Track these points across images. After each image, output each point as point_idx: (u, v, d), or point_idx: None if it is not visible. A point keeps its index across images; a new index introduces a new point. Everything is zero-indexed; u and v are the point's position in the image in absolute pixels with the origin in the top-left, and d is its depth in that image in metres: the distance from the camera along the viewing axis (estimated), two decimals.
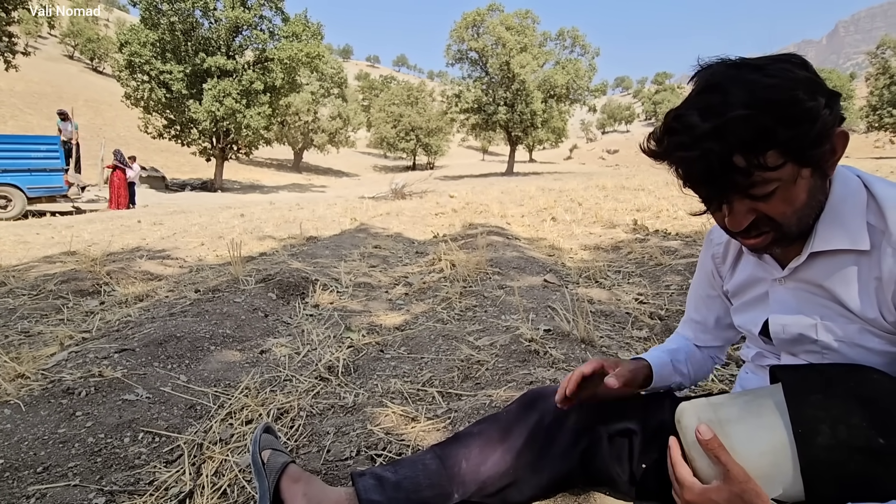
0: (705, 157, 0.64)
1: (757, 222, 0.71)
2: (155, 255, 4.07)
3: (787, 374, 0.73)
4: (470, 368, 1.72)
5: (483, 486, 0.96)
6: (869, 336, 0.71)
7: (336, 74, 36.11)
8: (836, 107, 0.65)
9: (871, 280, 0.70)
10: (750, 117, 0.61)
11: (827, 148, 0.66)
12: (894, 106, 33.15)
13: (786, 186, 0.66)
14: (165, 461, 1.26)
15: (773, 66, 0.64)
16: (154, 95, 17.98)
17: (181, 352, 1.82)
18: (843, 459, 0.62)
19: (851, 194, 0.73)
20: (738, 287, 0.93)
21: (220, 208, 10.10)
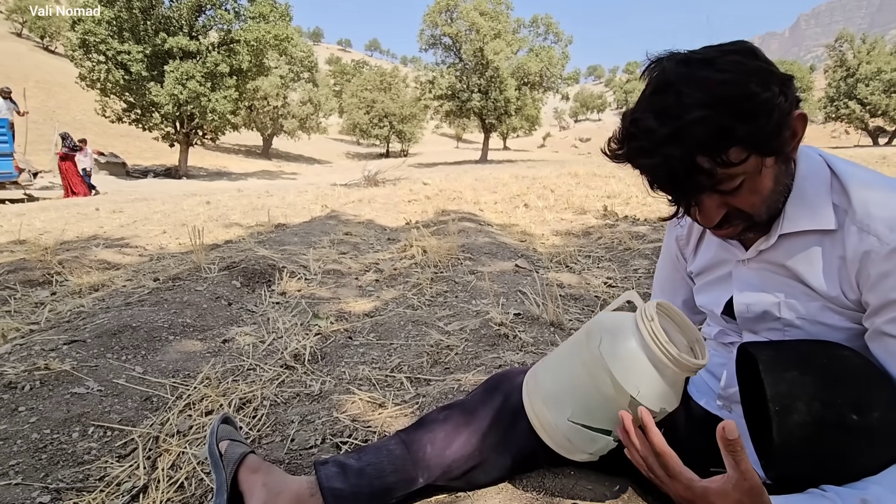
0: (667, 162, 0.64)
1: (728, 216, 0.71)
2: (113, 244, 3.89)
3: (762, 352, 0.72)
4: (439, 353, 1.71)
5: (448, 469, 0.95)
6: (830, 313, 0.72)
7: (306, 58, 35.09)
8: (790, 91, 0.64)
9: (834, 259, 0.70)
10: (707, 118, 0.60)
11: (787, 134, 0.65)
12: (850, 98, 34.58)
13: (752, 178, 0.66)
14: (118, 456, 1.20)
15: (723, 60, 0.62)
16: (111, 77, 17.05)
17: (137, 342, 1.74)
18: (817, 436, 0.63)
19: (815, 173, 0.73)
20: (701, 268, 0.93)
21: (185, 195, 9.74)
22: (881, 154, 13.39)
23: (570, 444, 0.78)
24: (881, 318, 0.65)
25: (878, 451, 0.62)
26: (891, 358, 0.66)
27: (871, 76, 33.50)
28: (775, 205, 0.71)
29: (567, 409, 0.77)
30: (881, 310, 0.65)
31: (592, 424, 0.75)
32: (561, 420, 0.78)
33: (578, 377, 0.76)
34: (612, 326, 0.76)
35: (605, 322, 0.78)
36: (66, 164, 10.99)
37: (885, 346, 0.66)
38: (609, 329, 0.76)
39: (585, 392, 0.75)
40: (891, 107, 32.61)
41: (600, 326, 0.77)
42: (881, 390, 0.63)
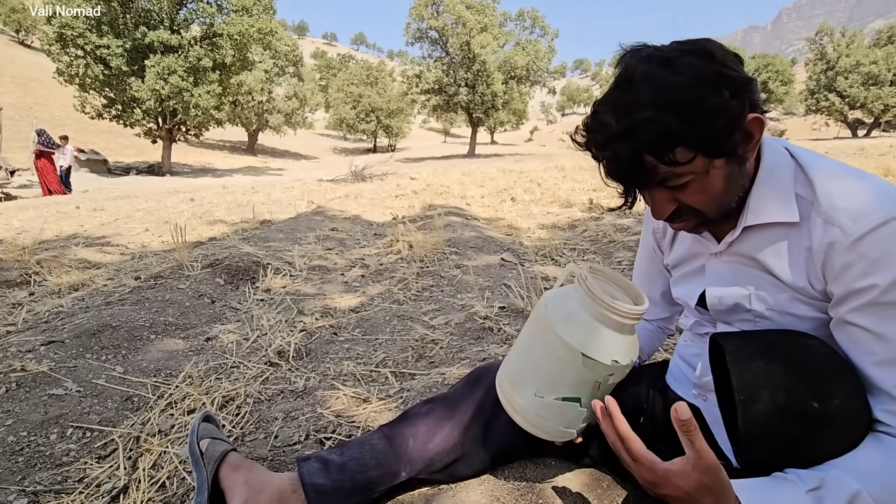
0: (616, 157, 0.66)
1: (678, 211, 0.72)
2: (93, 243, 3.82)
3: (730, 342, 0.74)
4: (424, 348, 1.71)
5: (431, 462, 0.95)
6: (798, 304, 0.73)
7: (291, 52, 34.62)
8: (746, 96, 0.64)
9: (801, 250, 0.71)
10: (655, 119, 0.62)
11: (738, 137, 0.65)
12: (830, 90, 35.17)
13: (700, 178, 0.67)
14: (97, 457, 1.18)
15: (680, 61, 0.63)
16: (90, 72, 16.66)
17: (117, 342, 1.71)
18: (779, 423, 0.64)
19: (780, 166, 0.74)
20: (677, 261, 0.95)
21: (169, 193, 9.59)
22: (859, 146, 13.66)
23: (543, 421, 0.79)
24: (844, 308, 0.67)
25: (839, 438, 0.64)
26: (853, 346, 0.67)
27: (850, 69, 34.10)
28: (727, 204, 0.72)
29: (532, 385, 0.79)
30: (844, 299, 0.66)
31: (558, 395, 0.77)
32: (529, 397, 0.79)
33: (534, 350, 0.80)
34: (555, 295, 0.81)
35: (550, 293, 0.83)
36: (41, 161, 10.72)
37: (848, 334, 0.67)
38: (553, 297, 0.80)
39: (543, 362, 0.78)
40: (869, 99, 33.24)
41: (546, 297, 0.82)
42: (843, 379, 0.65)
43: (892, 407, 0.64)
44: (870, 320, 0.64)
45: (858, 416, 0.64)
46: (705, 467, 0.60)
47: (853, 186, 0.67)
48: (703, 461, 0.60)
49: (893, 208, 0.62)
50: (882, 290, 0.62)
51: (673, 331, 1.17)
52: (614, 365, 0.74)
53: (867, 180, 0.68)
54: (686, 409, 0.60)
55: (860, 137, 31.34)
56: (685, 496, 0.62)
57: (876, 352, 0.64)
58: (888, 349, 0.63)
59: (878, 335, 0.64)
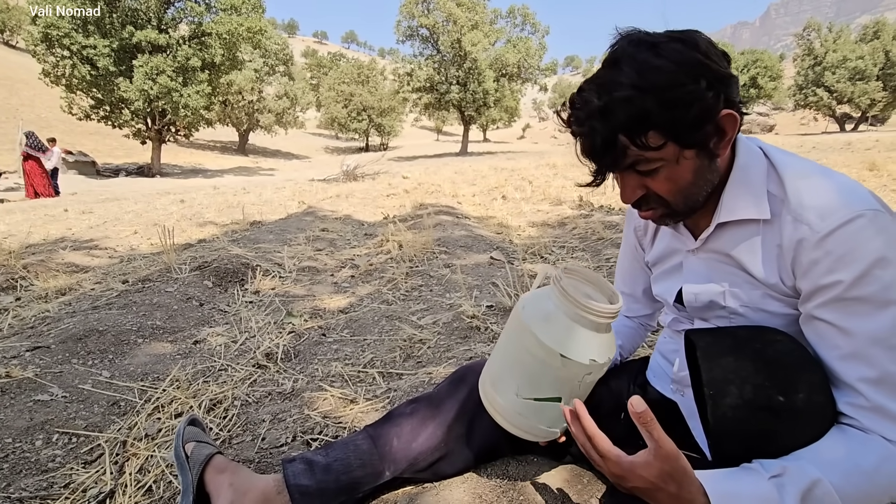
0: (591, 134, 0.67)
1: (646, 198, 0.74)
2: (81, 246, 3.79)
3: (701, 339, 0.76)
4: (412, 347, 1.72)
5: (415, 461, 0.97)
6: (770, 300, 0.75)
7: (281, 51, 34.39)
8: (723, 90, 0.66)
9: (773, 248, 0.73)
10: (632, 98, 0.63)
11: (709, 129, 0.67)
12: (818, 85, 35.50)
13: (669, 166, 0.69)
14: (84, 462, 1.18)
15: (665, 46, 0.65)
16: (77, 72, 16.44)
17: (104, 347, 1.71)
18: (747, 417, 0.66)
19: (753, 164, 0.75)
20: (656, 258, 0.96)
21: (159, 194, 9.52)
22: (847, 140, 13.82)
23: (524, 420, 0.80)
24: (812, 303, 0.69)
25: (804, 430, 0.66)
26: (820, 341, 0.69)
27: (837, 64, 34.44)
28: (694, 197, 0.74)
29: (513, 386, 0.80)
30: (812, 295, 0.68)
31: (539, 395, 0.78)
32: (510, 398, 0.80)
33: (513, 351, 0.81)
34: (532, 297, 0.82)
35: (527, 295, 0.84)
36: (29, 163, 10.58)
37: (815, 329, 0.69)
38: (530, 299, 0.82)
39: (523, 363, 0.79)
40: (856, 94, 33.60)
41: (523, 299, 0.83)
42: (809, 373, 0.67)
43: (855, 400, 0.66)
44: (835, 315, 0.66)
45: (823, 409, 0.66)
46: (664, 455, 0.62)
47: (821, 185, 0.69)
48: (662, 449, 0.62)
49: (858, 206, 0.64)
50: (847, 285, 0.64)
51: (654, 327, 1.18)
52: (592, 364, 0.75)
53: (834, 179, 0.70)
54: (641, 401, 0.62)
55: (848, 132, 31.68)
56: (650, 486, 0.64)
57: (840, 346, 0.66)
58: (851, 343, 0.65)
59: (842, 330, 0.66)
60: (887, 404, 0.63)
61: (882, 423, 0.64)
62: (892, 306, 0.63)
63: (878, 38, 34.95)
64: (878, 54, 33.74)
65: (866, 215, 0.63)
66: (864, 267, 0.63)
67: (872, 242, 0.63)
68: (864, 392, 0.64)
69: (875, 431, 0.64)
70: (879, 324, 0.63)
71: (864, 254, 0.63)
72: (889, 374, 0.63)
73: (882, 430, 0.64)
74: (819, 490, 0.61)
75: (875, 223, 0.63)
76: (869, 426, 0.65)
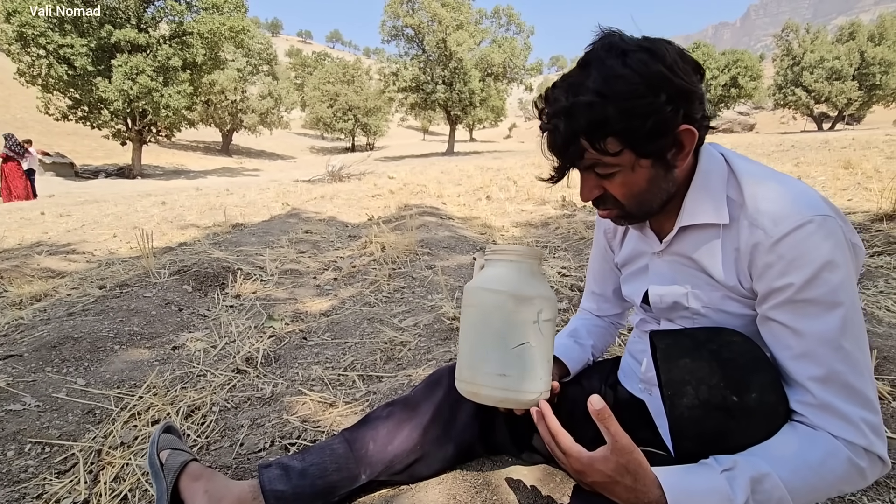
0: (555, 132, 0.70)
1: (603, 198, 0.77)
2: (58, 251, 3.72)
3: (662, 340, 0.78)
4: (393, 350, 1.73)
5: (390, 464, 0.98)
6: (730, 301, 0.78)
7: (264, 50, 33.98)
8: (683, 105, 0.68)
9: (731, 251, 0.75)
10: (593, 104, 0.66)
11: (665, 142, 0.69)
12: (797, 85, 36.23)
13: (625, 172, 0.72)
14: (57, 472, 1.17)
15: (633, 56, 0.66)
16: (54, 72, 16.04)
17: (79, 354, 1.68)
18: (702, 417, 0.68)
19: (714, 170, 0.78)
20: (624, 260, 0.99)
21: (139, 196, 9.36)
22: (824, 139, 14.14)
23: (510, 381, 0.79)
24: (766, 305, 0.71)
25: (757, 428, 0.68)
26: (775, 341, 0.72)
27: (814, 64, 35.20)
28: (648, 204, 0.77)
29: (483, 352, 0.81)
30: (767, 297, 0.71)
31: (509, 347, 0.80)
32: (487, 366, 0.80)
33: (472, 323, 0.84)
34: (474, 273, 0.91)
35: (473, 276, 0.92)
36: (8, 165, 10.35)
37: (770, 330, 0.72)
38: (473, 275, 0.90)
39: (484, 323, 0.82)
40: (833, 93, 34.39)
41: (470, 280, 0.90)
42: (762, 373, 0.69)
43: (804, 398, 0.68)
44: (787, 316, 0.69)
45: (775, 407, 0.69)
46: (620, 449, 0.64)
47: (776, 191, 0.72)
48: (618, 444, 0.64)
49: (809, 212, 0.67)
50: (797, 288, 0.67)
51: (625, 325, 1.21)
52: (539, 297, 0.79)
53: (789, 185, 0.72)
54: (599, 399, 0.65)
55: (825, 130, 32.42)
56: (608, 479, 0.66)
57: (792, 346, 0.69)
58: (802, 343, 0.68)
59: (793, 330, 0.68)
60: (833, 402, 0.66)
61: (828, 419, 0.66)
62: (839, 308, 0.65)
63: (853, 38, 35.80)
64: (853, 55, 34.57)
65: (815, 220, 0.66)
66: (813, 270, 0.65)
67: (821, 247, 0.65)
68: (813, 390, 0.67)
69: (822, 428, 0.67)
70: (827, 325, 0.66)
71: (813, 258, 0.65)
72: (835, 373, 0.66)
73: (828, 426, 0.66)
74: (768, 483, 0.63)
75: (823, 228, 0.66)
76: (817, 423, 0.67)
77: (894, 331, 1.62)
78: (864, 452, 0.66)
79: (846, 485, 0.67)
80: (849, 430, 0.65)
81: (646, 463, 0.66)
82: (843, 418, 0.66)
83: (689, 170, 0.78)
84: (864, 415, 0.66)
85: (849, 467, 0.65)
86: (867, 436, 0.65)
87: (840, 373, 0.66)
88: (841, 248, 0.66)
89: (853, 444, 0.65)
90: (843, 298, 0.65)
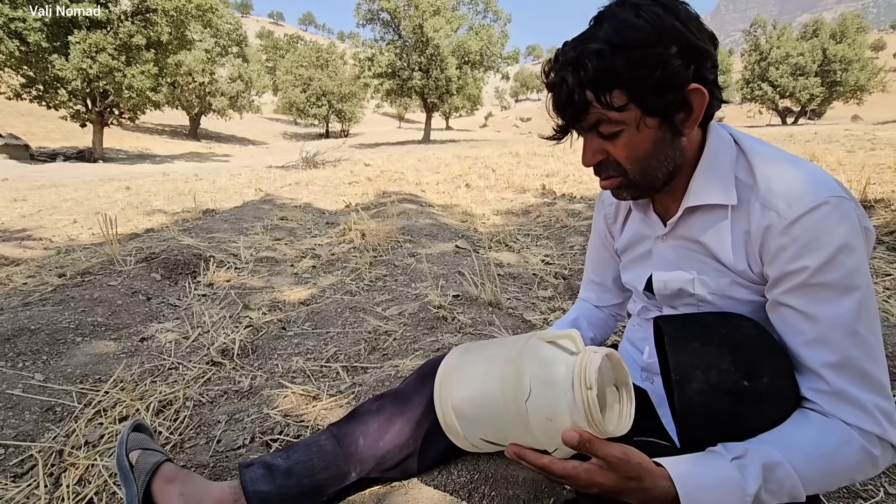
0: (560, 85, 0.67)
1: (605, 164, 0.73)
2: (11, 237, 3.48)
3: (670, 325, 0.75)
4: (377, 340, 1.67)
5: (382, 460, 0.93)
6: (738, 287, 0.75)
7: (234, 31, 32.74)
8: (695, 62, 0.65)
9: (741, 234, 0.73)
10: (602, 53, 0.63)
11: (672, 98, 0.66)
12: (763, 80, 37.32)
13: (630, 132, 0.68)
14: (13, 475, 1.07)
15: (647, 8, 0.64)
16: (4, 48, 15.05)
17: (36, 347, 1.56)
18: (712, 402, 0.65)
19: (723, 150, 0.74)
20: (626, 244, 0.95)
21: (102, 181, 8.93)
22: (789, 133, 14.63)
23: (483, 444, 0.78)
24: (778, 290, 0.69)
25: (768, 414, 0.66)
26: (786, 326, 0.69)
27: (780, 60, 36.29)
28: (653, 172, 0.73)
29: (481, 432, 0.76)
30: (779, 281, 0.68)
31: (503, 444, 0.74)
32: (472, 436, 0.77)
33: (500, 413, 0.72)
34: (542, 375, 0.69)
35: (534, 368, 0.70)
36: None
37: (781, 315, 0.70)
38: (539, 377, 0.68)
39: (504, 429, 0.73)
40: (797, 89, 35.59)
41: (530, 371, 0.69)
42: (772, 358, 0.67)
43: (818, 385, 0.66)
44: (800, 301, 0.66)
45: (786, 393, 0.67)
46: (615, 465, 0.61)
47: (790, 172, 0.69)
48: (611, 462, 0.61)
49: (825, 193, 0.64)
50: (812, 271, 0.64)
51: (624, 317, 1.18)
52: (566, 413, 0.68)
53: (803, 166, 0.70)
54: (572, 435, 0.61)
55: (789, 125, 33.58)
56: (614, 488, 0.63)
57: (805, 331, 0.67)
58: (816, 329, 0.66)
59: (807, 315, 0.66)
60: (847, 389, 0.64)
61: (842, 407, 0.65)
62: (854, 292, 0.63)
63: (816, 36, 37.05)
64: (816, 52, 35.78)
65: (831, 202, 0.64)
66: (830, 253, 0.63)
67: (837, 229, 0.63)
68: (826, 377, 0.65)
69: (835, 415, 0.65)
70: (843, 309, 0.64)
71: (829, 240, 0.63)
72: (849, 359, 0.64)
73: (842, 413, 0.65)
74: (780, 472, 0.61)
75: (839, 210, 0.63)
76: (830, 410, 0.65)
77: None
78: (878, 440, 0.64)
79: (858, 473, 0.65)
80: (863, 418, 0.64)
81: (648, 462, 0.63)
82: (857, 406, 0.64)
83: (696, 148, 0.75)
84: (879, 402, 0.64)
85: (862, 456, 0.64)
86: (881, 423, 0.64)
87: (855, 359, 0.64)
88: (856, 231, 0.64)
89: (867, 432, 0.64)
90: (858, 282, 0.63)
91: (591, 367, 0.65)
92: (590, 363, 0.65)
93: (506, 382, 0.71)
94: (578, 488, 0.68)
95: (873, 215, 3.02)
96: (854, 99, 36.41)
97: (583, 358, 0.66)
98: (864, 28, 36.81)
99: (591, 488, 0.66)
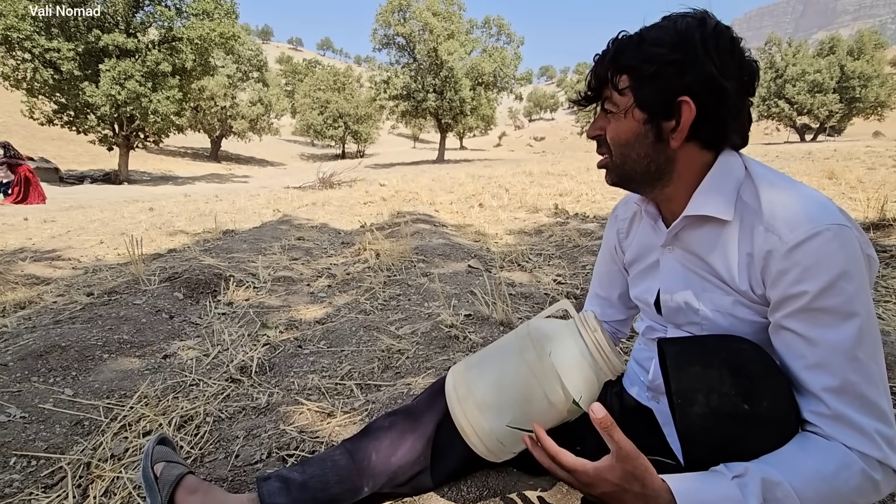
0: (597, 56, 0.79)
1: (601, 141, 0.82)
2: (42, 257, 3.63)
3: (671, 347, 0.77)
4: (390, 358, 1.71)
5: (394, 476, 0.95)
6: (740, 307, 0.77)
7: (255, 57, 33.91)
8: (692, 74, 0.70)
9: (744, 256, 0.75)
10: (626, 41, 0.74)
11: (658, 99, 0.72)
12: (780, 97, 37.06)
13: (619, 117, 0.77)
14: (44, 486, 1.13)
15: (686, 20, 0.72)
16: (39, 76, 15.81)
17: (66, 363, 1.63)
18: (713, 425, 0.67)
19: (729, 171, 0.77)
20: (633, 257, 0.97)
21: (126, 202, 9.23)
22: (807, 150, 14.43)
23: (500, 447, 0.80)
24: (780, 313, 0.71)
25: (768, 437, 0.68)
26: (787, 350, 0.71)
27: (796, 77, 36.05)
28: (631, 164, 0.79)
29: (507, 416, 0.79)
30: (780, 305, 0.70)
31: (526, 427, 0.78)
32: (498, 426, 0.80)
33: (526, 386, 0.79)
34: (553, 335, 0.82)
35: (546, 331, 0.82)
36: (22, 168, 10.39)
37: (782, 339, 0.71)
38: (551, 338, 0.81)
39: (531, 399, 0.78)
40: (815, 105, 35.21)
41: (543, 335, 0.81)
42: (772, 381, 0.69)
43: (818, 408, 0.68)
44: (801, 325, 0.68)
45: (787, 416, 0.68)
46: (625, 455, 0.65)
47: (793, 198, 0.71)
48: (622, 450, 0.65)
49: (826, 219, 0.66)
50: (812, 296, 0.66)
51: (627, 335, 1.19)
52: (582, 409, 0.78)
53: (806, 193, 0.72)
54: (601, 407, 0.65)
55: (808, 142, 33.11)
56: (616, 488, 0.66)
57: (805, 355, 0.68)
58: (816, 353, 0.67)
59: (808, 339, 0.68)
60: (848, 413, 0.65)
61: (842, 430, 0.66)
62: (854, 318, 0.65)
63: (833, 53, 36.76)
64: (833, 68, 35.46)
65: (832, 229, 0.65)
66: (830, 279, 0.65)
67: (837, 256, 0.65)
68: (827, 401, 0.66)
69: (836, 439, 0.66)
70: (843, 335, 0.65)
71: (829, 266, 0.65)
72: (849, 384, 0.65)
73: (842, 437, 0.66)
74: (780, 492, 0.63)
75: (840, 237, 0.65)
76: (830, 433, 0.67)
77: (886, 338, 1.63)
78: (879, 465, 0.65)
79: (859, 497, 0.66)
80: (863, 442, 0.65)
81: (652, 468, 0.66)
82: (857, 430, 0.65)
83: (702, 167, 0.79)
84: (879, 427, 0.65)
85: (863, 479, 0.65)
86: (882, 448, 0.65)
87: (855, 384, 0.65)
88: (857, 259, 0.66)
89: (868, 456, 0.65)
90: (858, 309, 0.65)
91: (590, 316, 0.82)
92: (587, 314, 0.82)
93: (525, 350, 0.81)
94: (582, 486, 0.71)
95: (893, 234, 2.98)
96: (875, 115, 35.84)
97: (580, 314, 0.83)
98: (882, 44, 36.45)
99: (594, 487, 0.68)
